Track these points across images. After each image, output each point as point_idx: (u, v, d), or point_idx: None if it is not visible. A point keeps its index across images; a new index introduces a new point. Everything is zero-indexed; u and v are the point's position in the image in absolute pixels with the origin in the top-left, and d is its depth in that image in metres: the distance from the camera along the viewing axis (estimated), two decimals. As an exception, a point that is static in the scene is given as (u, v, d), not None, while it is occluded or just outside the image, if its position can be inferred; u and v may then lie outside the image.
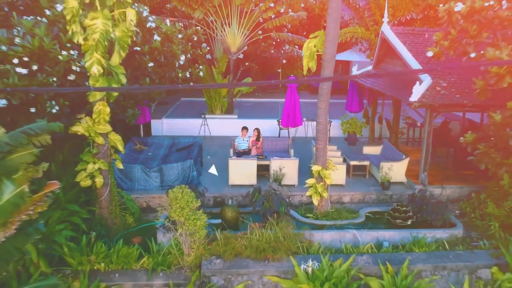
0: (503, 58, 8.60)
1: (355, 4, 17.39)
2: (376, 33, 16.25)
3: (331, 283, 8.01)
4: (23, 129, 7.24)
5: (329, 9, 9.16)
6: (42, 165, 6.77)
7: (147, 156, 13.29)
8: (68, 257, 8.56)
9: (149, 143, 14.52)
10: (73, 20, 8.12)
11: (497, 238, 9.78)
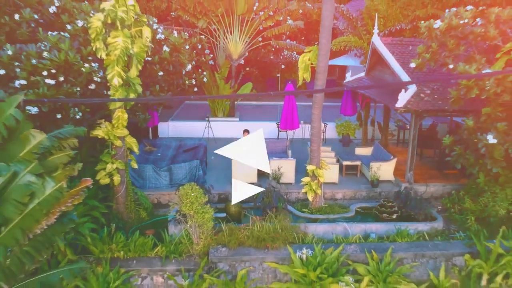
0: (471, 72, 9.71)
1: (348, 15, 18.48)
2: (368, 41, 17.31)
3: (323, 268, 9.12)
4: (54, 134, 8.33)
5: (321, 27, 10.27)
6: (77, 165, 7.87)
7: (156, 157, 14.41)
8: (91, 246, 9.68)
9: (158, 144, 15.64)
10: (97, 38, 9.25)
11: (471, 230, 10.90)
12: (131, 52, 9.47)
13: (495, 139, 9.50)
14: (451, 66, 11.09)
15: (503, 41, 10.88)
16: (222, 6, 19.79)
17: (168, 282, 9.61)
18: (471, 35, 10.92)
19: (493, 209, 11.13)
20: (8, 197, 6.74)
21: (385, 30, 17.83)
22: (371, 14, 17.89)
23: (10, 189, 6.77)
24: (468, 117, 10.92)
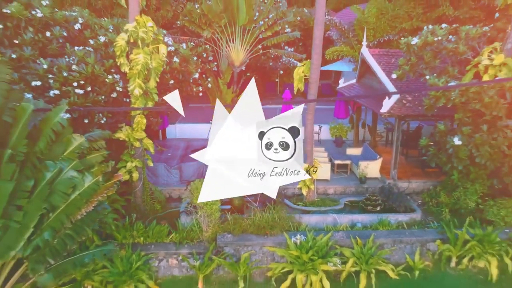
0: (439, 84, 11.21)
1: (341, 26, 19.98)
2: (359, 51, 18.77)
3: (314, 251, 10.61)
4: (87, 136, 9.84)
5: (313, 44, 11.76)
6: (110, 162, 9.36)
7: (167, 156, 15.91)
8: (115, 233, 11.16)
9: (168, 145, 17.14)
10: (121, 55, 10.73)
11: (444, 220, 12.39)
12: (150, 66, 10.96)
13: (460, 141, 11.01)
14: (427, 77, 12.59)
15: (472, 55, 12.41)
16: (225, 18, 21.24)
17: (181, 263, 11.11)
18: (444, 50, 12.44)
19: (464, 202, 12.62)
20: (55, 188, 8.24)
21: (374, 41, 19.35)
22: (362, 26, 19.40)
23: (56, 182, 8.27)
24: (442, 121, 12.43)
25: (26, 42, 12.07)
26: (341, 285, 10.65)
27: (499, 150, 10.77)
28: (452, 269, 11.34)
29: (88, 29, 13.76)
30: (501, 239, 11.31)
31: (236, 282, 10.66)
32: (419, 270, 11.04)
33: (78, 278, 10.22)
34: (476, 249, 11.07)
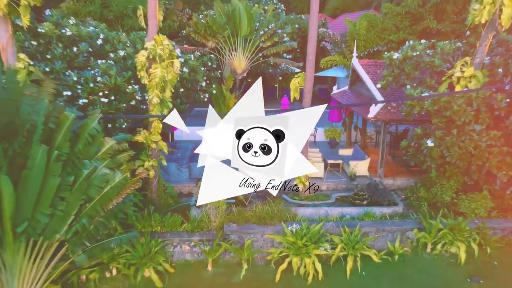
0: (414, 95, 12.85)
1: (334, 38, 21.61)
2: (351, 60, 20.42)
3: (307, 237, 12.22)
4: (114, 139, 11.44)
5: (306, 59, 13.40)
6: (137, 162, 10.97)
7: (177, 157, 17.52)
8: (136, 222, 12.77)
9: (177, 146, 18.75)
10: (142, 69, 12.35)
11: (422, 212, 14.00)
12: (166, 79, 12.57)
13: (433, 143, 12.64)
14: (408, 87, 14.22)
15: (447, 67, 14.05)
16: (228, 29, 22.92)
17: (193, 249, 12.72)
18: (422, 63, 14.08)
19: (441, 196, 14.22)
20: (92, 183, 9.84)
21: (365, 51, 21.00)
22: (353, 37, 21.03)
23: (92, 178, 9.87)
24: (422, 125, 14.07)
25: (56, 56, 13.72)
26: (331, 267, 12.24)
27: (466, 151, 12.40)
28: (427, 254, 12.96)
29: (108, 43, 15.41)
30: (470, 228, 12.93)
31: (240, 265, 12.27)
32: (399, 255, 12.65)
33: (105, 261, 11.83)
34: (448, 237, 12.69)
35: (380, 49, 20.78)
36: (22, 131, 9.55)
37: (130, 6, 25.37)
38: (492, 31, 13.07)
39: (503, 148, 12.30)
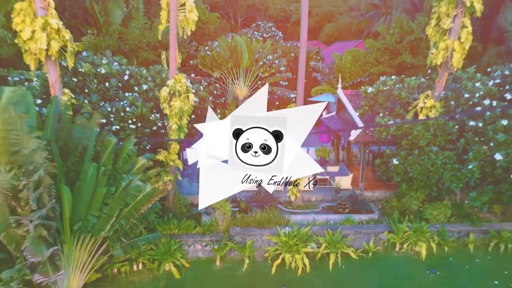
0: (382, 122, 15.67)
1: (323, 70, 24.58)
2: (338, 89, 23.39)
3: (297, 238, 14.82)
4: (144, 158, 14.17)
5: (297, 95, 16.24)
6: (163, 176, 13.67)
7: (188, 172, 20.21)
8: (157, 226, 15.39)
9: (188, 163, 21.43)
10: (164, 102, 15.16)
11: (393, 218, 16.61)
12: (183, 109, 15.38)
13: (397, 161, 15.41)
14: (381, 115, 17.04)
15: (413, 98, 16.90)
16: (232, 62, 25.89)
17: (204, 248, 15.33)
18: (392, 96, 16.94)
19: (409, 205, 16.87)
20: (128, 192, 12.53)
21: (349, 82, 23.94)
22: (340, 70, 24.00)
23: (129, 188, 12.56)
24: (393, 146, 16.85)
25: (92, 90, 16.56)
26: (316, 262, 14.81)
27: (425, 168, 15.13)
28: (396, 252, 15.56)
29: (132, 78, 18.27)
30: (431, 231, 15.56)
31: (243, 260, 14.83)
32: (372, 253, 15.26)
33: (133, 257, 14.42)
34: (412, 238, 15.31)
35: (363, 80, 23.73)
36: (74, 152, 12.32)
37: (144, 41, 28.37)
38: (447, 70, 15.97)
39: (455, 165, 15.05)
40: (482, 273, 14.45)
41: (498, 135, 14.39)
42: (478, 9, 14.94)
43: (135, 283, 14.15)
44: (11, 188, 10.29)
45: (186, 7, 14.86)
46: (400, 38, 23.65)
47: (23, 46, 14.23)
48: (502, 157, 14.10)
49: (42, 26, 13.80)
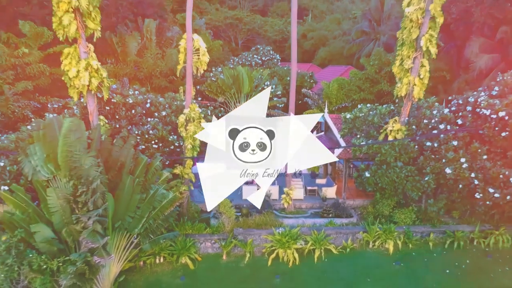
0: (356, 143, 19.02)
1: (313, 96, 28.07)
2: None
3: (289, 237, 17.99)
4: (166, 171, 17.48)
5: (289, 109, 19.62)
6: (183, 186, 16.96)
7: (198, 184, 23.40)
8: (175, 227, 18.58)
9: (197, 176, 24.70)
10: (181, 126, 18.50)
11: (367, 221, 19.80)
12: (197, 132, 18.71)
13: (369, 174, 18.73)
14: (358, 136, 20.41)
15: (384, 122, 20.28)
16: (234, 88, 29.37)
17: (213, 245, 18.50)
18: (366, 121, 20.31)
19: (382, 211, 20.10)
20: (155, 198, 15.77)
21: (335, 106, 27.40)
22: (327, 96, 27.49)
23: (156, 195, 15.82)
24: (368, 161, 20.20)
25: (121, 116, 19.94)
26: (304, 256, 17.96)
27: (391, 180, 18.46)
28: (369, 248, 18.72)
29: (153, 106, 21.68)
30: (398, 231, 18.77)
31: (245, 255, 17.98)
32: (350, 249, 18.42)
33: (156, 252, 17.57)
34: (382, 236, 18.50)
35: (347, 105, 27.18)
36: (114, 167, 15.63)
37: (157, 69, 31.93)
38: (409, 100, 19.39)
39: (416, 177, 18.37)
40: (437, 264, 17.64)
41: (448, 153, 17.75)
42: (433, 52, 18.40)
43: (158, 273, 17.28)
44: (71, 194, 13.60)
45: (200, 52, 18.34)
46: (379, 69, 27.18)
47: (68, 82, 17.68)
48: (451, 171, 17.45)
49: (85, 66, 17.23)
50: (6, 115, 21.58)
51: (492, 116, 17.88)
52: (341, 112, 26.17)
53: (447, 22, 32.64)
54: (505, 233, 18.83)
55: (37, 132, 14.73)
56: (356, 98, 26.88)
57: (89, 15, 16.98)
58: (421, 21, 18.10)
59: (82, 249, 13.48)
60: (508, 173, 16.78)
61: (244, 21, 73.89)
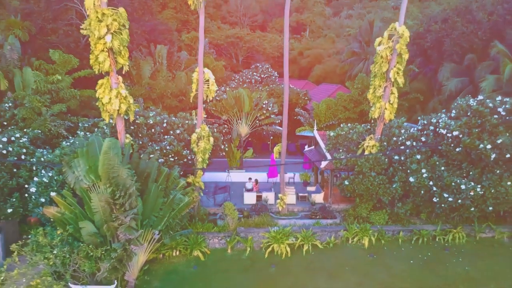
0: (336, 156, 22.65)
1: (305, 115, 31.75)
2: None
3: (282, 234, 21.49)
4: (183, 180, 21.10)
5: (282, 137, 23.26)
6: (195, 193, 20.57)
7: (205, 191, 27.04)
8: (188, 226, 22.11)
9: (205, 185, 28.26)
10: (194, 143, 22.16)
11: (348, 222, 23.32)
12: (206, 148, 22.36)
13: (348, 182, 22.33)
14: (340, 150, 24.05)
15: (362, 139, 23.94)
16: (236, 107, 33.07)
17: (220, 241, 22.00)
18: (347, 138, 24.00)
19: (360, 213, 23.65)
20: (174, 202, 19.31)
21: (324, 124, 31.09)
22: (317, 114, 31.20)
23: (174, 199, 19.41)
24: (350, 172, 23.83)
25: (144, 134, 23.61)
26: (295, 250, 21.39)
27: (366, 187, 22.06)
28: (349, 244, 22.18)
29: (169, 125, 25.36)
30: (373, 230, 22.29)
31: (246, 249, 21.42)
32: (333, 244, 21.90)
33: (173, 246, 21.08)
34: (359, 234, 22.00)
35: (334, 123, 30.86)
36: (141, 177, 19.24)
37: (168, 90, 35.67)
38: (382, 121, 23.09)
39: (386, 185, 21.98)
40: (404, 256, 21.13)
41: (412, 165, 21.39)
42: (400, 82, 22.08)
43: (174, 264, 20.77)
44: (111, 197, 17.20)
45: (209, 82, 22.08)
46: (362, 91, 30.91)
47: (102, 107, 21.35)
48: (414, 180, 21.08)
49: (115, 95, 20.91)
50: (44, 133, 25.21)
51: (448, 135, 21.54)
52: (329, 129, 29.85)
53: (424, 49, 36.65)
54: (461, 231, 22.37)
55: (81, 149, 18.40)
56: (341, 116, 30.57)
57: (120, 53, 20.64)
58: (390, 57, 21.85)
59: (120, 240, 17.04)
60: (459, 181, 20.41)
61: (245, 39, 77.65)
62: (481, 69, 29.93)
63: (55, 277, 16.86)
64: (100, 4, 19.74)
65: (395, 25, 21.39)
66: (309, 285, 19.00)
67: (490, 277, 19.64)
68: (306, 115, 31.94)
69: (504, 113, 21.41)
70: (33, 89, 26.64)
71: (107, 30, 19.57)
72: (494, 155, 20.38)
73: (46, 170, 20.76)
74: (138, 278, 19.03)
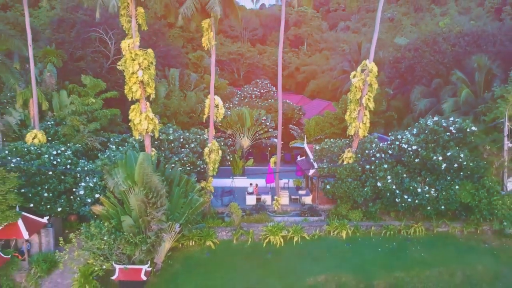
0: (321, 166, 27.52)
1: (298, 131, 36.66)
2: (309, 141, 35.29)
3: (277, 228, 26.22)
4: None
5: (276, 150, 28.13)
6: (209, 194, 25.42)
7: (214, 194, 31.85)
8: (201, 222, 26.91)
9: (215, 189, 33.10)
10: (206, 155, 27.05)
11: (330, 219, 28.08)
12: (216, 159, 27.20)
13: (329, 187, 27.17)
14: (325, 161, 28.92)
15: (342, 152, 28.82)
16: (239, 123, 37.99)
17: (227, 234, 26.72)
18: (330, 151, 28.88)
19: (341, 212, 28.40)
20: (192, 202, 24.18)
21: (313, 137, 35.99)
22: (307, 130, 36.14)
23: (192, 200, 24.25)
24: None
25: (165, 148, 28.49)
26: (287, 240, 26.09)
27: (344, 190, 26.87)
28: (331, 236, 26.92)
29: (184, 140, 30.26)
30: (350, 225, 27.08)
31: (248, 240, 26.19)
32: (317, 236, 26.62)
33: (190, 237, 25.84)
34: (339, 228, 26.75)
35: (322, 137, 35.75)
36: (167, 181, 24.16)
37: (181, 109, 40.59)
38: (357, 137, 28.01)
39: (360, 189, 26.83)
40: (374, 246, 25.86)
41: (380, 173, 26.28)
42: (371, 106, 27.04)
43: (190, 251, 25.50)
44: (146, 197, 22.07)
45: (219, 107, 27.04)
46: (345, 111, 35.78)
47: (133, 127, 26.25)
48: (381, 184, 25.96)
49: (144, 117, 25.86)
50: (82, 146, 30.10)
51: (409, 149, 26.46)
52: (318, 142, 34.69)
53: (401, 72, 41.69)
54: (421, 226, 27.09)
55: (121, 161, 23.31)
56: (328, 132, 35.48)
57: (148, 84, 25.62)
58: (362, 87, 26.84)
59: (153, 230, 21.89)
60: (416, 186, 25.30)
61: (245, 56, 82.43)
62: (445, 92, 34.80)
63: (102, 258, 21.65)
64: (133, 46, 24.76)
65: (366, 62, 26.39)
66: (298, 267, 23.79)
67: (440, 261, 24.44)
68: (298, 130, 36.93)
69: (455, 131, 26.28)
70: (73, 111, 31.56)
71: (139, 66, 24.55)
72: (445, 165, 25.24)
73: (89, 177, 25.58)
74: (164, 262, 23.75)
